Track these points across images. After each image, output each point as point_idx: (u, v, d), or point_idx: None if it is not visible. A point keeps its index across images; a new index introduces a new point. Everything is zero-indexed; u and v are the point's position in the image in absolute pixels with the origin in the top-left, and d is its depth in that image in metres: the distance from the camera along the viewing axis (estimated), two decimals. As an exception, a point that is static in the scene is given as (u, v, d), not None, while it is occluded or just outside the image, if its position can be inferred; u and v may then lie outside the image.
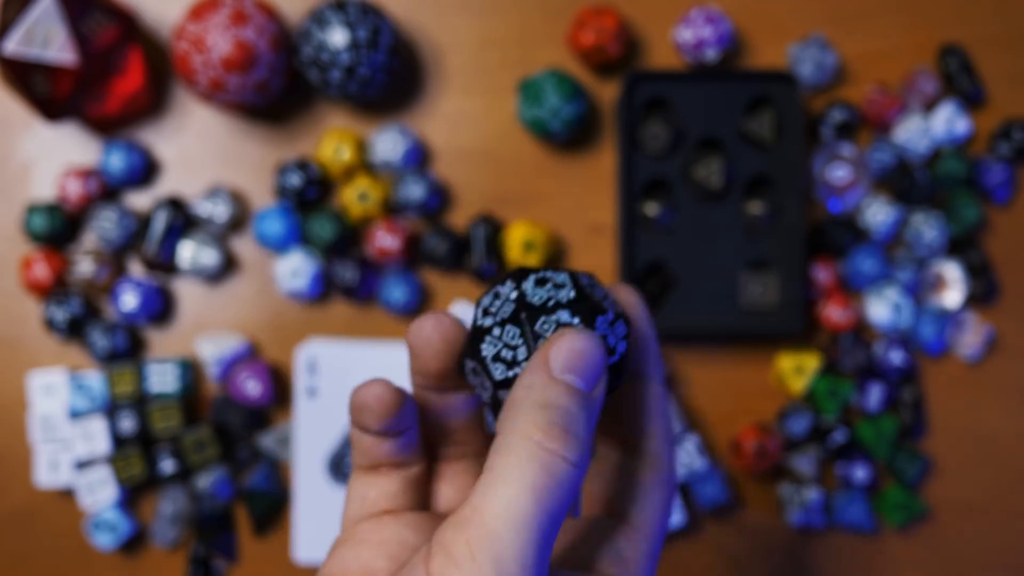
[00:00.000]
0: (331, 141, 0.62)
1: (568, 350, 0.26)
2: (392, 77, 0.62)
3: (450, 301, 0.64)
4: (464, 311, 0.62)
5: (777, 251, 0.61)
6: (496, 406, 0.29)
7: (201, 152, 0.64)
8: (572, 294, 0.28)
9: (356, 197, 0.62)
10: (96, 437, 0.61)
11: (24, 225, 0.62)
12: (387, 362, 0.62)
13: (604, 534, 0.29)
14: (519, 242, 0.61)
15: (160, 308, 0.63)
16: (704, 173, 0.61)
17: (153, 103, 0.64)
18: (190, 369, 0.63)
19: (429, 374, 0.30)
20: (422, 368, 0.30)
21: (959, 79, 0.63)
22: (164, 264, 0.63)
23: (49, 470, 0.61)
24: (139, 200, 0.64)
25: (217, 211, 0.62)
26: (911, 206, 0.63)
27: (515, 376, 0.28)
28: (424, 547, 0.25)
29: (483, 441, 0.33)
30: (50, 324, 0.61)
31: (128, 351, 0.63)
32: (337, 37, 0.57)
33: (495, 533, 0.24)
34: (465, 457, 0.33)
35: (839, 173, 0.62)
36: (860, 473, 0.62)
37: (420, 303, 0.63)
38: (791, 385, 0.62)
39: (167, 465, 0.61)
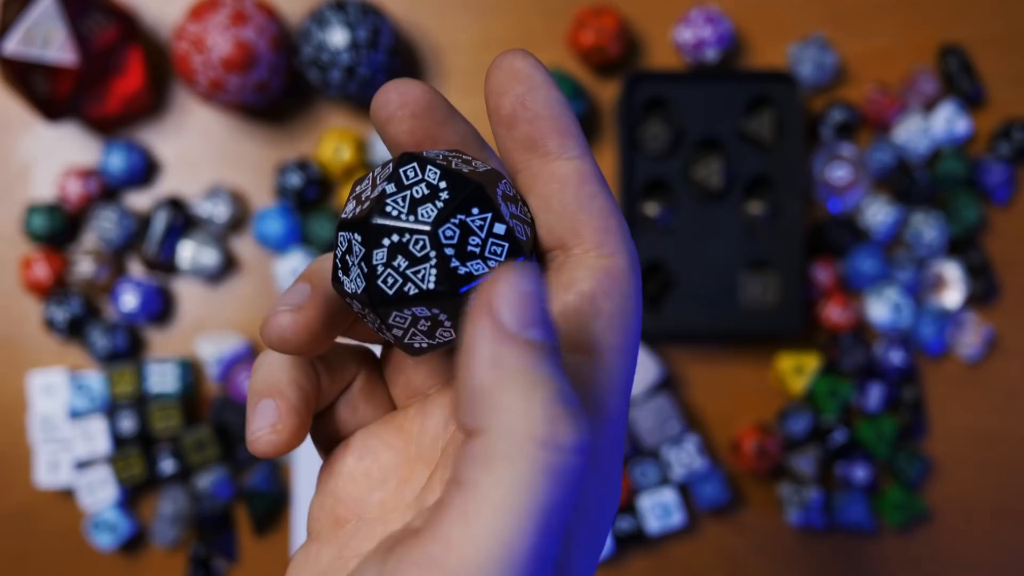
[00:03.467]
0: (331, 141, 0.62)
1: (517, 293, 0.19)
2: (392, 77, 0.62)
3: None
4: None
5: (777, 251, 0.61)
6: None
7: (201, 152, 0.64)
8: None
9: (356, 197, 0.62)
10: (96, 437, 0.61)
11: (24, 225, 0.62)
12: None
13: None
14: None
15: (160, 308, 0.63)
16: (704, 173, 0.61)
17: (153, 103, 0.64)
18: (190, 369, 0.63)
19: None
20: (393, 143, 0.25)
21: (959, 79, 0.63)
22: (164, 264, 0.63)
23: (49, 470, 0.61)
24: (139, 200, 0.64)
25: (217, 211, 0.62)
26: (911, 206, 0.63)
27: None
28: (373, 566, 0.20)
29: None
30: (50, 324, 0.61)
31: (128, 351, 0.63)
32: (337, 37, 0.57)
33: (471, 571, 0.18)
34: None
35: (839, 173, 0.62)
36: (860, 473, 0.62)
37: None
38: (791, 385, 0.62)
39: (167, 465, 0.61)
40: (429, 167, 0.23)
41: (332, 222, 0.62)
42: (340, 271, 0.24)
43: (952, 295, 0.63)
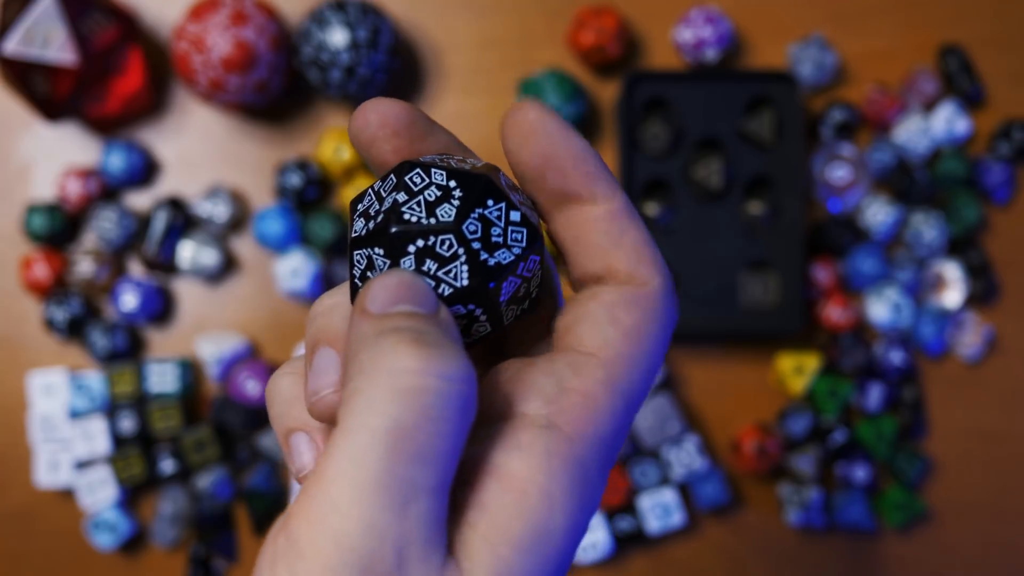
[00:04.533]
0: (331, 141, 0.62)
1: (382, 287, 0.21)
2: (392, 77, 0.62)
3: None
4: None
5: (777, 251, 0.61)
6: None
7: (201, 152, 0.64)
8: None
9: (356, 197, 0.62)
10: (96, 437, 0.61)
11: (24, 225, 0.62)
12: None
13: (526, 367, 0.24)
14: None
15: (160, 308, 0.63)
16: (704, 173, 0.61)
17: (153, 103, 0.64)
18: (190, 369, 0.63)
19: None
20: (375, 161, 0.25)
21: (959, 79, 0.63)
22: (164, 264, 0.63)
23: (49, 470, 0.61)
24: (139, 200, 0.64)
25: (217, 211, 0.62)
26: (911, 206, 0.63)
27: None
28: (279, 519, 0.21)
29: None
30: (50, 324, 0.61)
31: (128, 351, 0.63)
32: (337, 37, 0.57)
33: (334, 501, 0.19)
34: None
35: (839, 173, 0.62)
36: (860, 473, 0.62)
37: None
38: (791, 385, 0.62)
39: (167, 465, 0.61)
40: (434, 170, 0.24)
41: (332, 222, 0.62)
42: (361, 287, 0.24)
43: (952, 295, 0.63)
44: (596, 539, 0.61)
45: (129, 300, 0.61)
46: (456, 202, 0.23)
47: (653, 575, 0.63)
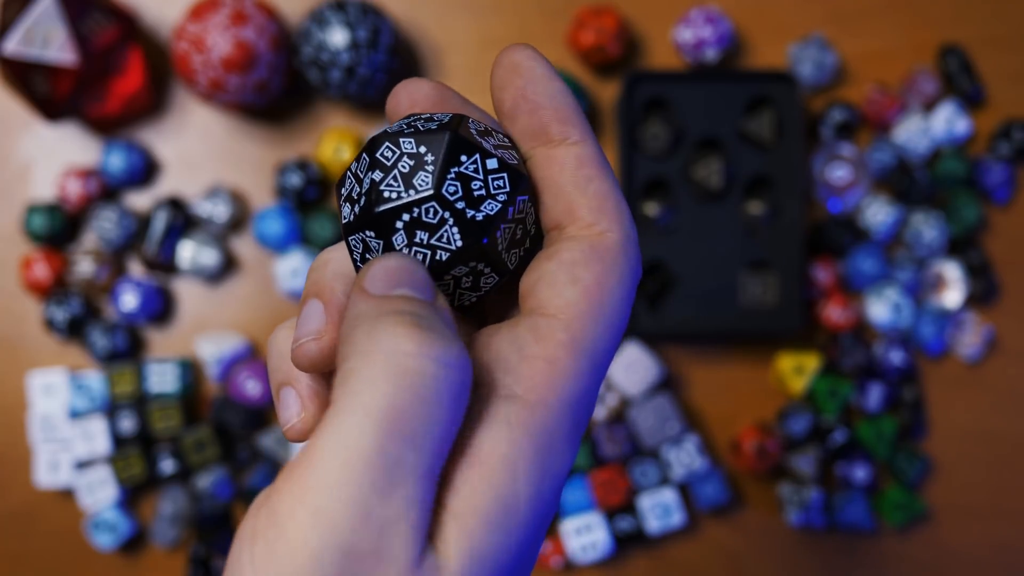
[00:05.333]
0: (331, 141, 0.62)
1: (383, 269, 0.22)
2: (392, 77, 0.62)
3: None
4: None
5: (777, 251, 0.61)
6: None
7: (201, 152, 0.64)
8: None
9: (356, 197, 0.62)
10: (96, 437, 0.61)
11: (24, 225, 0.62)
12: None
13: (492, 335, 0.24)
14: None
15: (160, 308, 0.63)
16: (704, 173, 0.61)
17: (153, 103, 0.64)
18: (190, 369, 0.63)
19: None
20: None
21: (959, 79, 0.63)
22: (164, 264, 0.63)
23: (49, 470, 0.61)
24: (139, 200, 0.64)
25: (217, 211, 0.62)
26: (911, 206, 0.63)
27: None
28: (261, 494, 0.21)
29: None
30: (50, 324, 0.61)
31: (128, 351, 0.63)
32: (337, 37, 0.57)
33: (320, 478, 0.19)
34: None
35: (839, 173, 0.62)
36: (860, 473, 0.62)
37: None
38: (791, 385, 0.62)
39: (167, 465, 0.61)
40: (402, 140, 0.24)
41: (332, 222, 0.62)
42: None
43: (952, 295, 0.63)
44: (596, 539, 0.61)
45: (129, 300, 0.61)
46: (430, 168, 0.23)
47: (653, 575, 0.63)
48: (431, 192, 0.23)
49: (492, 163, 0.24)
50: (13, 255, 0.64)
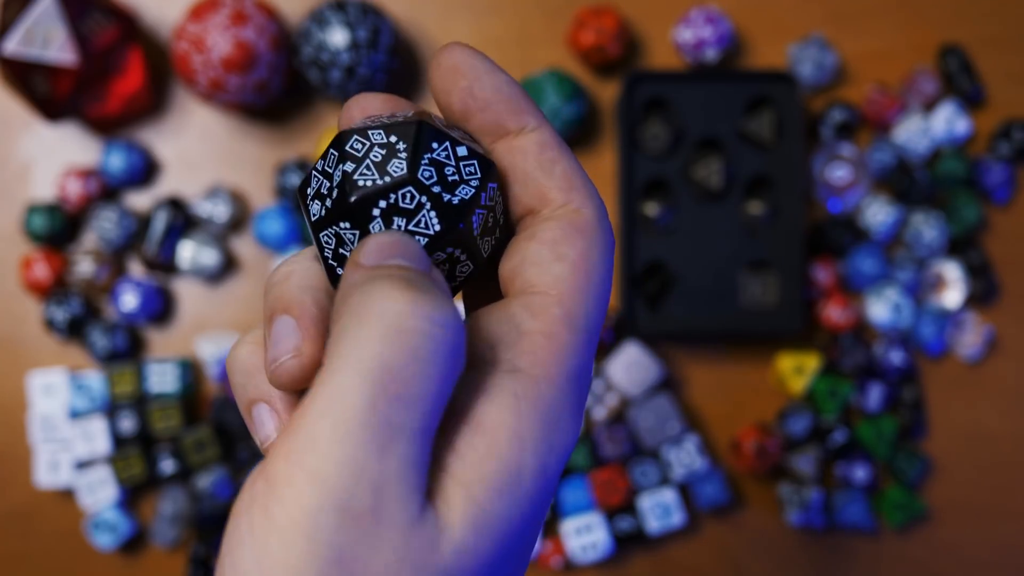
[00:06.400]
0: (330, 141, 0.62)
1: (376, 242, 0.22)
2: (392, 77, 0.62)
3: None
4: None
5: (777, 251, 0.61)
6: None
7: (201, 152, 0.64)
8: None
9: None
10: (96, 437, 0.61)
11: (24, 225, 0.62)
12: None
13: (482, 316, 0.24)
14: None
15: (160, 308, 0.63)
16: (704, 173, 0.61)
17: (153, 103, 0.64)
18: (190, 369, 0.63)
19: None
20: None
21: (959, 79, 0.63)
22: (164, 264, 0.63)
23: (49, 470, 0.61)
24: (139, 200, 0.64)
25: (217, 211, 0.62)
26: (911, 206, 0.63)
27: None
28: (258, 466, 0.21)
29: None
30: (50, 324, 0.61)
31: (128, 351, 0.63)
32: (337, 37, 0.57)
33: (313, 440, 0.19)
34: None
35: (839, 173, 0.62)
36: (860, 473, 0.62)
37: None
38: (791, 385, 0.62)
39: (167, 465, 0.61)
40: (371, 132, 0.24)
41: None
42: (339, 268, 0.24)
43: (952, 295, 0.63)
44: (596, 539, 0.61)
45: (129, 300, 0.61)
46: (403, 154, 0.23)
47: (653, 575, 0.63)
48: (406, 176, 0.23)
49: (462, 150, 0.24)
50: (13, 255, 0.64)
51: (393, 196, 0.23)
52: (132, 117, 0.64)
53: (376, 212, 0.23)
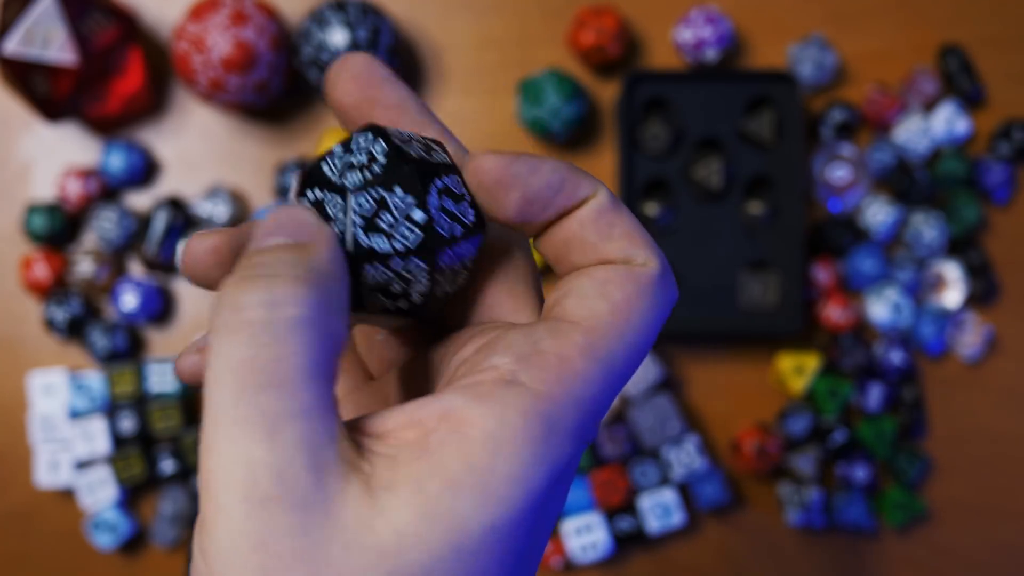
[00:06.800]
0: (331, 141, 0.62)
1: (262, 225, 0.22)
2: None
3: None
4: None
5: (777, 251, 0.61)
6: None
7: (201, 152, 0.64)
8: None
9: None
10: (96, 437, 0.61)
11: (24, 225, 0.62)
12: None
13: (508, 328, 0.24)
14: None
15: (160, 308, 0.63)
16: (704, 173, 0.61)
17: (153, 103, 0.64)
18: (190, 369, 0.63)
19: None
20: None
21: (959, 79, 0.63)
22: (164, 264, 0.63)
23: (49, 470, 0.61)
24: (139, 200, 0.64)
25: (217, 211, 0.62)
26: (911, 206, 0.63)
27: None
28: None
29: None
30: (50, 324, 0.61)
31: (128, 351, 0.63)
32: (337, 37, 0.57)
33: (209, 446, 0.20)
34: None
35: (839, 173, 0.62)
36: (860, 473, 0.62)
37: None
38: (791, 385, 0.62)
39: (167, 465, 0.61)
40: (370, 143, 0.24)
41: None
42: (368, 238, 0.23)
43: (952, 295, 0.63)
44: (596, 539, 0.61)
45: (129, 300, 0.61)
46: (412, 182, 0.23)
47: (653, 575, 0.63)
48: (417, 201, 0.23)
49: (462, 190, 0.24)
50: (13, 255, 0.64)
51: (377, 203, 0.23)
52: (132, 117, 0.64)
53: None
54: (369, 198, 0.23)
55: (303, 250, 0.22)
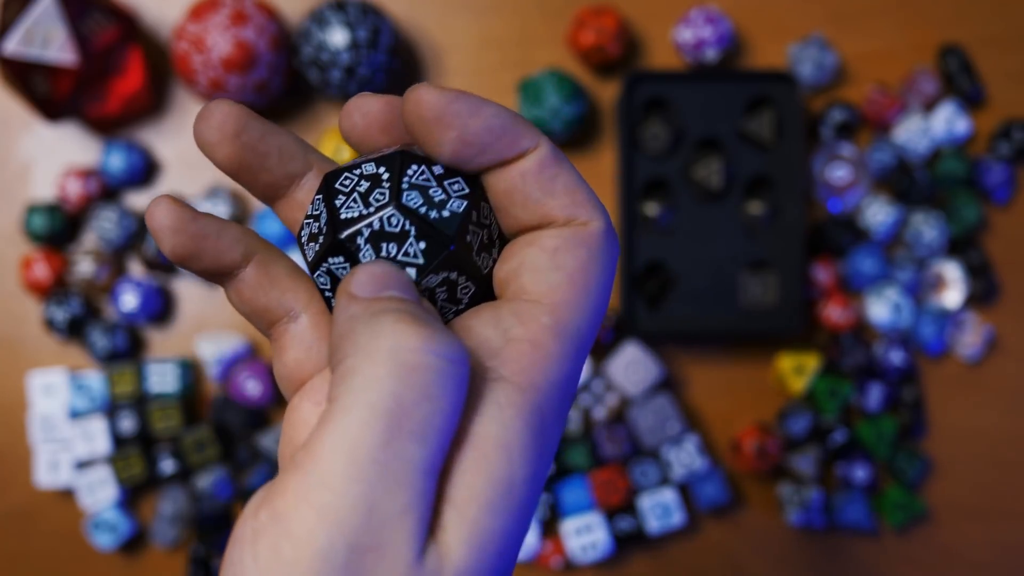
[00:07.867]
0: (331, 141, 0.62)
1: (367, 273, 0.22)
2: (392, 77, 0.62)
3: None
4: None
5: (777, 251, 0.61)
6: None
7: (201, 152, 0.64)
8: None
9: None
10: (96, 437, 0.61)
11: (24, 225, 0.62)
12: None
13: (471, 319, 0.24)
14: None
15: (160, 308, 0.63)
16: (704, 173, 0.61)
17: (153, 103, 0.64)
18: (190, 369, 0.63)
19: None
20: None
21: (959, 79, 0.63)
22: (164, 264, 0.63)
23: (49, 470, 0.61)
24: (139, 200, 0.64)
25: (217, 211, 0.62)
26: (911, 206, 0.63)
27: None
28: (257, 495, 0.21)
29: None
30: (50, 324, 0.61)
31: (128, 351, 0.63)
32: (337, 37, 0.57)
33: (324, 477, 0.19)
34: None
35: (839, 173, 0.62)
36: (860, 473, 0.62)
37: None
38: (791, 385, 0.62)
39: (167, 465, 0.61)
40: (363, 165, 0.24)
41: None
42: None
43: (952, 295, 0.63)
44: (596, 539, 0.61)
45: (129, 300, 0.61)
46: (386, 183, 0.23)
47: (653, 575, 0.63)
48: (387, 200, 0.23)
49: (439, 169, 0.24)
50: (13, 255, 0.64)
51: (378, 222, 0.23)
52: (132, 117, 0.64)
53: (360, 241, 0.23)
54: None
55: (427, 308, 0.22)
